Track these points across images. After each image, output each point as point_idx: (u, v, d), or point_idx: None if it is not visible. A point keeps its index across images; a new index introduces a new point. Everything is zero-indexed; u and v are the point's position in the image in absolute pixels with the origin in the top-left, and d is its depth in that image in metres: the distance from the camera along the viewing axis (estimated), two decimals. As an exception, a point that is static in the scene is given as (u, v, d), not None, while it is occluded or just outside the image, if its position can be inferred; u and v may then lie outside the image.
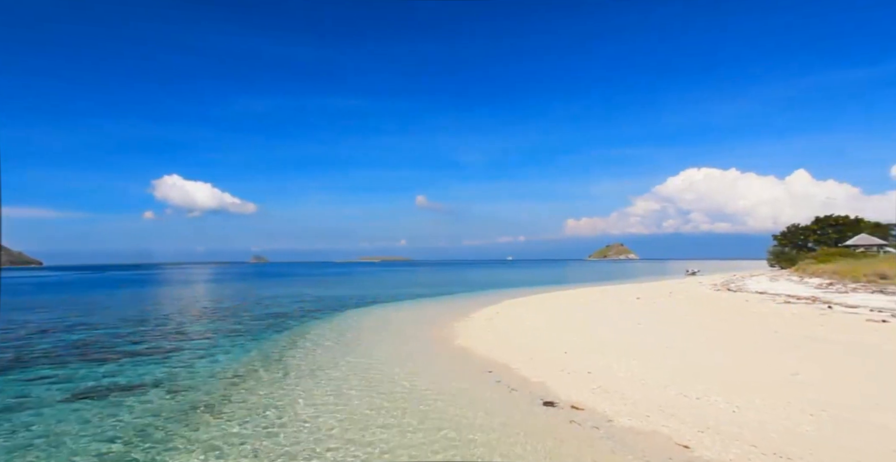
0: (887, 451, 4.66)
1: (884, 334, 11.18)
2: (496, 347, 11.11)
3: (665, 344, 10.68)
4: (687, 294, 24.78)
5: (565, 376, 8.20)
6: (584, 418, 6.06)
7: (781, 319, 14.30)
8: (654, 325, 13.68)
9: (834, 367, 8.13)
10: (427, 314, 19.54)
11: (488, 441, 5.47)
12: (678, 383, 7.38)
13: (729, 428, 5.44)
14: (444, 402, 7.03)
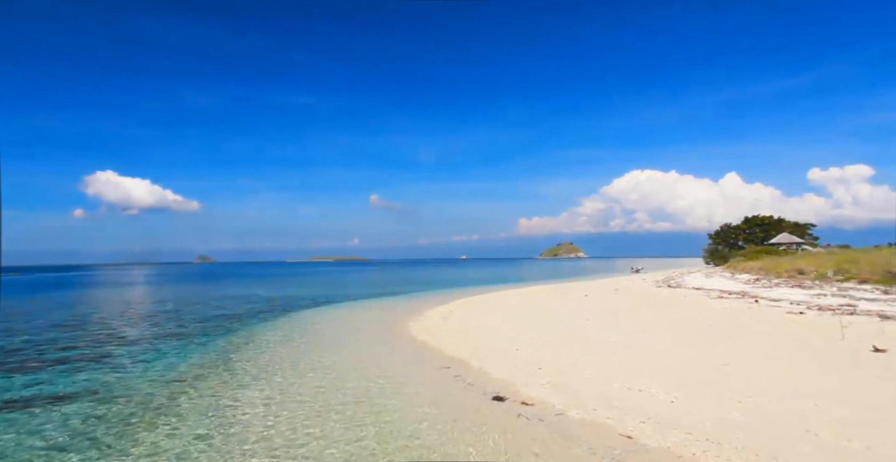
0: (801, 432, 5.11)
1: (801, 325, 12.22)
2: (451, 345, 11.20)
3: (611, 339, 11.17)
4: (631, 291, 26.00)
5: (517, 373, 8.40)
6: (535, 413, 6.24)
7: (715, 313, 15.32)
8: (601, 322, 14.27)
9: (759, 357, 8.81)
10: (382, 313, 19.41)
11: (439, 436, 5.52)
12: (623, 377, 7.74)
13: (668, 417, 5.78)
14: (397, 400, 7.01)
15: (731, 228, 61.23)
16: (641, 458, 4.73)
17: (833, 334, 10.66)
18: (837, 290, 19.76)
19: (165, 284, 49.02)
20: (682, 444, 4.99)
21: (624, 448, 4.99)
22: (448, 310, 19.01)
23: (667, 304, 18.97)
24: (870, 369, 7.70)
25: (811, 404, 6.02)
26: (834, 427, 5.24)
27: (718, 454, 4.70)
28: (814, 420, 5.48)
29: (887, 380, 7.06)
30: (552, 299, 22.31)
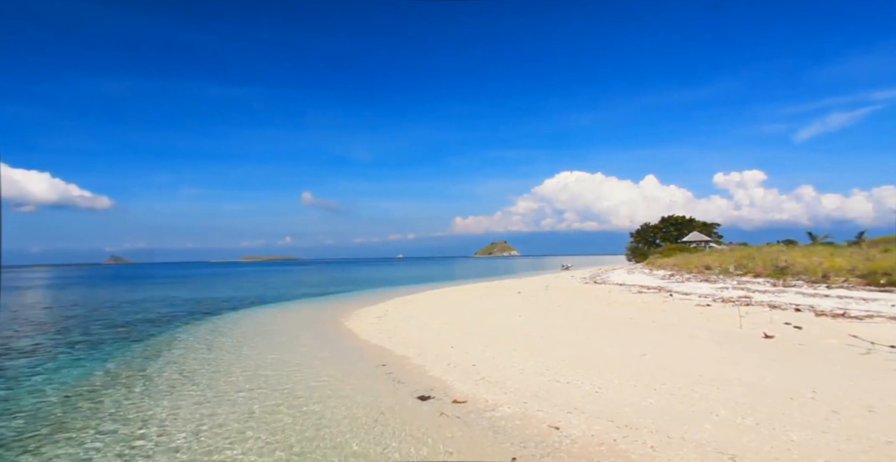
0: (705, 413, 5.66)
1: (707, 316, 13.47)
2: (386, 344, 11.15)
3: (542, 334, 11.65)
4: (561, 288, 27.23)
5: (452, 370, 8.54)
6: (468, 410, 6.38)
7: (635, 307, 16.46)
8: (533, 318, 14.84)
9: (672, 347, 9.60)
10: (315, 313, 18.86)
11: (368, 435, 5.50)
12: (552, 370, 8.12)
13: (592, 407, 6.15)
14: (322, 401, 6.88)
15: (650, 227, 65.94)
16: (568, 448, 5.00)
17: (733, 323, 11.86)
18: (737, 283, 21.97)
19: (71, 287, 44.24)
20: (604, 431, 5.34)
21: (552, 439, 5.25)
22: (384, 309, 18.89)
23: (593, 299, 20.09)
24: (761, 354, 8.66)
25: (713, 387, 6.67)
26: (731, 406, 5.86)
27: (636, 438, 5.08)
28: (715, 401, 6.08)
29: (774, 362, 7.99)
30: (486, 297, 22.84)
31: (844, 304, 14.17)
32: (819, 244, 34.19)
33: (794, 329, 10.94)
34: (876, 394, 6.15)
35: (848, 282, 18.88)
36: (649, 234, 65.32)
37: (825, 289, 18.01)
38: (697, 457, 4.57)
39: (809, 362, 7.96)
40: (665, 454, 4.67)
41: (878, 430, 4.99)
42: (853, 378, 6.91)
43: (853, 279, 18.98)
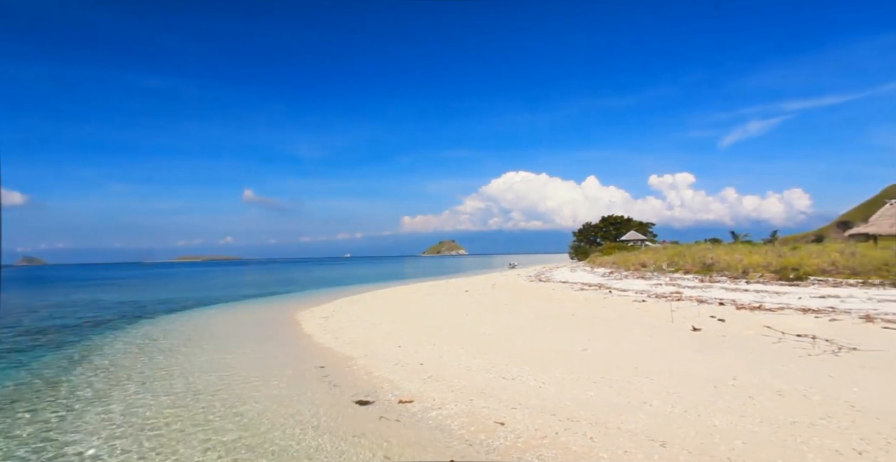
0: (639, 403, 6.01)
1: (643, 312, 14.27)
2: (333, 344, 10.93)
3: (488, 331, 11.87)
4: (507, 286, 27.83)
5: (399, 370, 8.51)
6: (415, 409, 6.38)
7: (577, 303, 17.13)
8: (480, 315, 15.07)
9: (611, 341, 10.09)
10: (257, 315, 18.15)
11: (300, 444, 5.39)
12: (498, 366, 8.29)
13: (536, 402, 6.35)
14: (259, 407, 6.65)
15: (591, 227, 68.80)
16: (513, 443, 5.13)
17: (666, 318, 12.64)
18: (670, 279, 23.42)
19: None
20: (547, 425, 5.52)
21: (497, 435, 5.36)
22: (330, 309, 18.50)
23: (538, 297, 20.70)
24: (689, 345, 9.30)
25: (647, 379, 7.09)
26: (662, 396, 6.25)
27: (576, 430, 5.30)
28: (649, 392, 6.46)
29: (701, 353, 8.60)
30: (434, 296, 22.94)
31: (760, 298, 15.49)
32: (740, 243, 37.12)
33: (718, 322, 11.83)
34: (784, 379, 6.78)
35: (763, 277, 20.65)
36: (591, 233, 68.14)
37: (745, 284, 19.59)
38: (632, 445, 4.84)
39: (731, 352, 8.64)
40: (603, 444, 4.91)
41: (786, 411, 5.51)
42: (766, 365, 7.58)
43: (768, 274, 20.77)
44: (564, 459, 4.64)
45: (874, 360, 7.72)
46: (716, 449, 4.64)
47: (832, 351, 8.39)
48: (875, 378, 6.70)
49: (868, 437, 4.72)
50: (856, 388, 6.25)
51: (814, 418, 5.28)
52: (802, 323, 11.21)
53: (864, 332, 9.89)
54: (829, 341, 9.09)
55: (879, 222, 28.52)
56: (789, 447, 4.60)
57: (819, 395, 6.06)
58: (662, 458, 4.51)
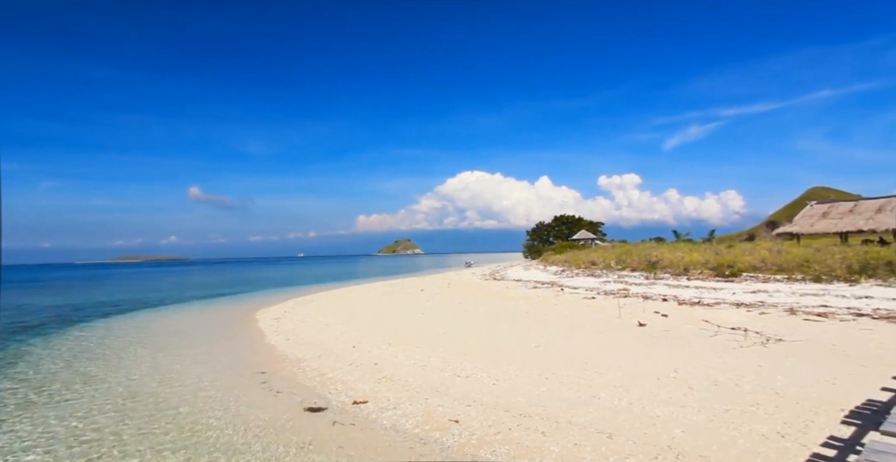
0: (589, 397, 6.24)
1: (593, 308, 14.81)
2: (285, 347, 10.62)
3: (443, 330, 11.92)
4: (463, 284, 28.06)
5: (353, 370, 8.39)
6: (370, 410, 6.31)
7: (530, 301, 17.52)
8: (436, 314, 15.11)
9: (562, 337, 10.40)
10: (204, 318, 17.34)
11: (245, 454, 5.23)
12: (453, 365, 8.35)
13: (489, 399, 6.44)
14: (202, 413, 6.38)
15: (544, 226, 70.43)
16: (467, 440, 5.18)
17: (614, 314, 13.17)
18: (618, 277, 24.41)
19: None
20: (500, 421, 5.62)
21: (452, 432, 5.40)
22: (282, 310, 17.97)
23: (492, 295, 21.01)
24: (635, 340, 9.74)
25: (596, 373, 7.36)
26: (610, 390, 6.51)
27: (528, 426, 5.43)
28: (597, 386, 6.72)
29: (645, 347, 9.03)
30: (390, 295, 22.78)
31: (700, 294, 16.45)
32: (682, 241, 39.20)
33: (661, 317, 12.45)
34: (720, 370, 7.24)
35: (703, 274, 21.92)
36: (544, 232, 69.73)
37: (686, 280, 20.72)
38: (581, 438, 5.01)
39: (673, 346, 9.13)
40: (554, 438, 5.05)
41: (720, 400, 5.88)
42: (704, 357, 8.07)
43: (706, 271, 22.08)
44: (517, 454, 4.74)
45: (796, 349, 8.38)
46: (658, 438, 4.89)
47: (761, 342, 9.04)
48: (796, 366, 7.27)
49: (790, 421, 5.12)
50: (780, 377, 6.76)
51: (744, 406, 5.67)
52: (736, 316, 12.01)
53: (788, 324, 10.72)
54: (758, 333, 9.78)
55: (801, 222, 30.96)
56: (723, 434, 4.92)
57: (749, 384, 6.51)
58: (609, 450, 4.70)
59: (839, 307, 12.62)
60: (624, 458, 4.51)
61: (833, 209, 29.97)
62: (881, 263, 17.10)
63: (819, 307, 12.79)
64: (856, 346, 8.54)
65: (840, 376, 6.66)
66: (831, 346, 8.54)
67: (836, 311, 12.16)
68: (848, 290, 15.31)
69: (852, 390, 6.00)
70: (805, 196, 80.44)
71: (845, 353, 8.06)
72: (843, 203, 30.50)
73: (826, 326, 10.42)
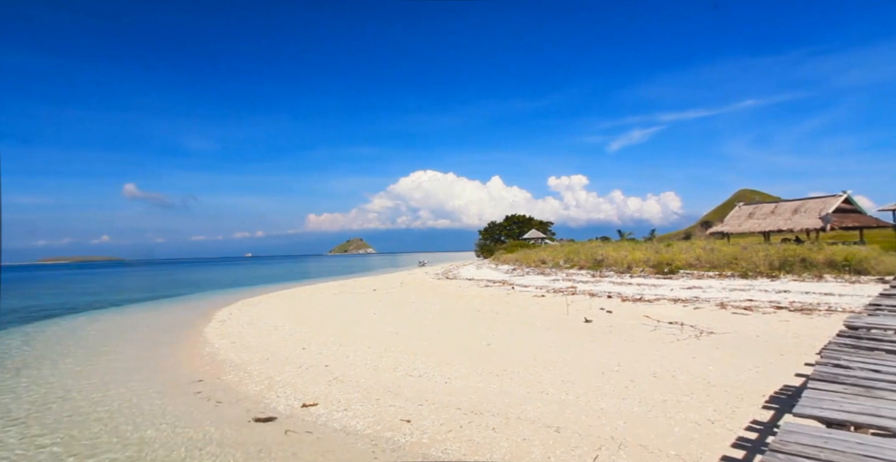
0: (538, 392, 6.43)
1: (542, 306, 15.24)
2: (230, 351, 10.18)
3: (396, 330, 11.87)
4: (415, 284, 28.03)
5: (303, 372, 8.20)
6: (320, 412, 6.19)
7: (481, 299, 17.78)
8: (388, 314, 15.02)
9: (513, 334, 10.64)
10: (137, 323, 16.30)
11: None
12: (405, 364, 8.34)
13: (441, 397, 6.49)
14: (136, 438, 6.03)
15: (496, 225, 71.57)
16: (418, 439, 5.20)
17: (562, 311, 13.62)
18: (566, 275, 25.25)
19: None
20: (452, 419, 5.68)
21: (403, 432, 5.40)
22: (228, 312, 17.22)
23: (445, 294, 21.14)
24: (582, 336, 10.14)
25: (545, 369, 7.59)
26: (558, 385, 6.75)
27: (480, 422, 5.52)
28: (546, 381, 6.93)
29: (592, 343, 9.42)
30: (341, 295, 22.40)
31: (641, 290, 17.33)
32: (625, 240, 41.11)
33: (606, 313, 13.02)
34: (658, 362, 7.68)
35: (644, 271, 23.10)
36: (496, 231, 70.86)
37: (629, 278, 21.75)
38: (530, 433, 5.16)
39: (617, 341, 9.57)
40: (504, 434, 5.17)
41: (659, 391, 6.25)
42: (645, 351, 8.52)
43: (648, 269, 23.29)
44: (468, 451, 4.82)
45: (726, 341, 9.03)
46: (602, 430, 5.12)
47: (695, 335, 9.66)
48: (725, 357, 7.84)
49: (719, 408, 5.52)
50: (711, 367, 7.26)
51: (679, 396, 6.05)
52: (674, 311, 12.76)
53: (719, 318, 11.52)
54: (693, 327, 10.45)
55: (731, 222, 33.35)
56: (660, 423, 5.22)
57: (684, 375, 6.95)
58: (557, 443, 4.87)
59: (762, 301, 13.71)
60: (570, 450, 4.69)
61: (758, 210, 32.46)
62: (797, 260, 18.74)
63: (745, 301, 13.83)
64: (776, 336, 9.31)
65: (762, 365, 7.25)
66: (755, 337, 9.27)
67: (759, 304, 13.20)
68: (770, 285, 16.65)
69: (772, 377, 6.54)
70: (734, 198, 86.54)
71: (767, 343, 8.77)
72: (766, 205, 33.11)
73: (751, 319, 11.29)
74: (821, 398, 3.01)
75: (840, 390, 3.15)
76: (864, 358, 3.91)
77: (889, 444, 2.31)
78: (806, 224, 27.66)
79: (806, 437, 2.40)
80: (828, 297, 13.66)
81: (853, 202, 28.59)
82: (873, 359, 3.89)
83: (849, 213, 28.06)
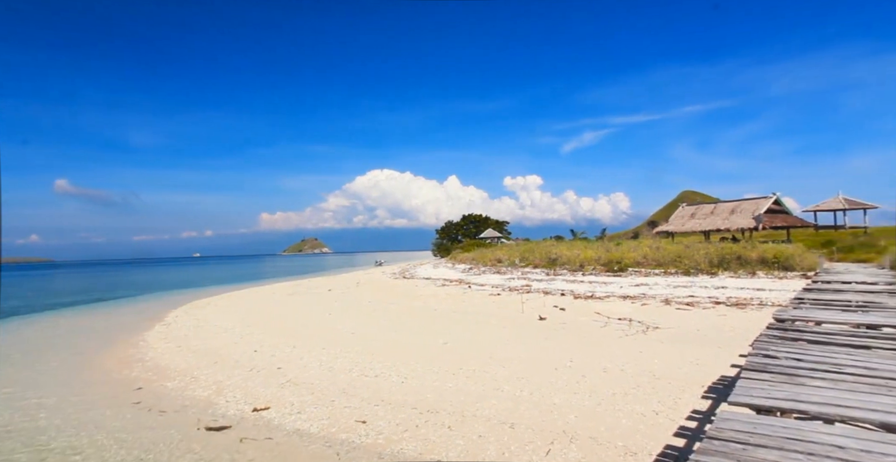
0: (493, 389, 6.53)
1: (498, 304, 15.48)
2: (175, 356, 9.67)
3: (351, 330, 11.71)
4: (372, 283, 27.74)
5: (254, 375, 7.93)
6: (271, 416, 6.01)
7: (438, 299, 17.84)
8: (344, 314, 14.78)
9: (469, 333, 10.75)
10: (69, 328, 15.20)
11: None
12: (361, 365, 8.24)
13: (398, 397, 6.47)
14: (78, 438, 5.65)
15: (453, 225, 71.96)
16: (374, 440, 5.15)
17: (517, 309, 13.89)
18: (521, 274, 25.75)
19: None
20: (408, 419, 5.67)
21: (359, 433, 5.34)
22: (174, 314, 16.38)
23: (402, 293, 21.05)
24: (536, 333, 10.38)
25: (500, 366, 7.72)
26: (512, 381, 6.88)
27: (436, 421, 5.54)
28: (501, 378, 7.05)
29: (546, 340, 9.67)
30: (295, 296, 21.84)
31: (593, 288, 17.96)
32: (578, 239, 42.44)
33: (559, 311, 13.40)
34: (608, 357, 7.99)
35: (596, 269, 23.95)
36: (452, 231, 71.21)
37: (581, 276, 22.47)
38: (485, 430, 5.24)
39: (569, 337, 9.87)
40: (459, 431, 5.22)
41: (608, 385, 6.50)
42: (596, 347, 8.84)
43: (599, 267, 24.15)
44: (424, 450, 4.83)
45: (670, 335, 9.52)
46: (554, 424, 5.27)
47: (642, 330, 10.12)
48: (669, 350, 8.27)
49: (663, 400, 5.82)
50: (656, 361, 7.64)
51: (627, 389, 6.32)
52: (623, 308, 13.31)
53: (664, 313, 12.13)
54: (640, 322, 10.94)
55: (675, 222, 35.18)
56: (609, 415, 5.44)
57: (632, 368, 7.27)
58: (511, 439, 4.97)
59: (703, 297, 14.55)
60: (524, 445, 4.80)
61: (699, 211, 34.38)
62: (734, 258, 20.01)
63: (688, 297, 14.63)
64: (714, 330, 9.91)
65: (702, 357, 7.69)
66: (696, 332, 9.83)
67: (700, 300, 14.00)
68: (710, 281, 17.69)
69: (711, 369, 6.96)
70: (678, 199, 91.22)
71: (706, 336, 9.32)
72: (706, 205, 35.12)
73: (693, 314, 11.96)
74: (752, 387, 3.24)
75: (768, 379, 3.40)
76: (789, 348, 4.24)
77: (808, 427, 2.52)
78: (741, 224, 29.56)
79: (738, 423, 2.58)
80: (760, 293, 14.68)
81: (781, 203, 30.81)
82: (797, 348, 4.22)
83: (778, 214, 30.24)
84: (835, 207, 32.98)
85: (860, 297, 7.74)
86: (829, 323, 5.72)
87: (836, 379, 3.34)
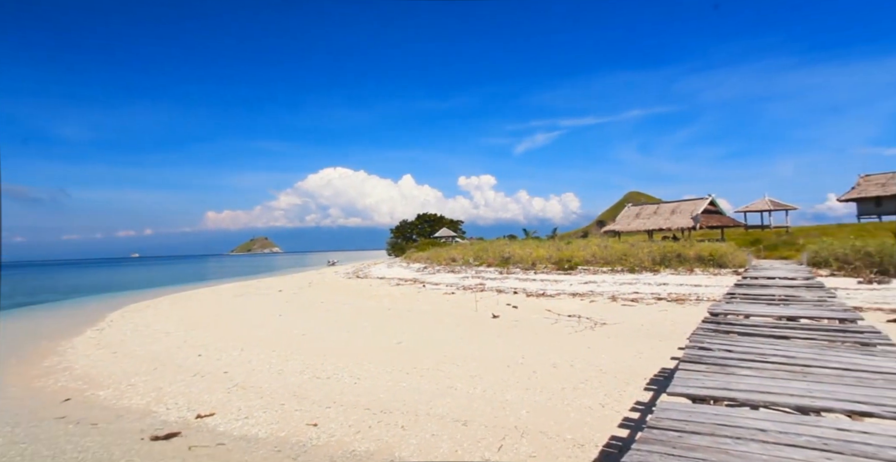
0: (447, 388, 6.58)
1: (452, 303, 15.59)
2: (109, 363, 9.05)
3: (302, 332, 11.42)
4: (325, 284, 27.17)
5: (198, 381, 7.57)
6: (216, 423, 5.76)
7: (392, 298, 17.74)
8: (295, 315, 14.39)
9: (423, 332, 10.76)
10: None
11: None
12: (313, 367, 8.06)
13: (350, 398, 6.38)
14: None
15: (408, 224, 71.74)
16: (325, 442, 5.06)
17: (471, 307, 14.05)
18: (475, 273, 26.05)
19: None
20: (361, 420, 5.60)
21: (309, 436, 5.22)
22: (108, 319, 15.33)
23: (355, 293, 20.75)
24: (490, 331, 10.55)
25: (454, 365, 7.79)
26: (466, 379, 6.96)
27: (389, 421, 5.51)
28: (455, 377, 7.11)
29: (499, 337, 9.84)
30: (244, 297, 21.03)
31: (544, 286, 18.45)
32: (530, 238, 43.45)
33: (512, 309, 13.67)
34: (558, 353, 8.24)
35: (547, 268, 24.62)
36: (407, 230, 70.99)
37: (534, 274, 23.03)
38: (439, 428, 5.27)
39: (521, 335, 10.10)
40: (413, 431, 5.22)
41: (558, 381, 6.71)
42: (546, 343, 9.10)
43: (550, 266, 24.85)
44: (377, 450, 4.79)
45: (616, 331, 9.95)
46: (506, 420, 5.38)
47: (591, 327, 10.52)
48: (616, 345, 8.64)
49: (609, 393, 6.08)
50: (604, 355, 7.96)
51: (576, 383, 6.55)
52: (572, 305, 13.76)
53: (610, 310, 12.65)
54: (589, 319, 11.36)
55: (621, 222, 36.81)
56: (559, 410, 5.62)
57: (580, 363, 7.54)
58: (464, 436, 5.03)
59: (646, 293, 15.30)
60: (476, 442, 4.87)
61: (643, 211, 36.10)
62: (674, 256, 21.18)
63: (632, 294, 15.34)
64: (657, 325, 10.46)
65: (645, 351, 8.10)
66: (640, 326, 10.33)
67: (644, 296, 14.72)
68: (652, 278, 18.63)
69: (653, 362, 7.34)
70: (624, 199, 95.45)
71: (649, 331, 9.82)
72: (650, 206, 36.95)
73: (637, 310, 12.55)
74: (688, 378, 3.45)
75: (703, 369, 3.63)
76: (721, 340, 4.54)
77: (736, 413, 2.72)
78: (681, 224, 31.31)
79: (676, 413, 2.74)
80: (697, 288, 15.63)
81: (716, 204, 32.91)
82: (728, 340, 4.53)
83: (713, 214, 32.28)
84: (762, 208, 35.65)
85: (782, 291, 8.41)
86: (756, 316, 6.19)
87: (761, 368, 3.62)
